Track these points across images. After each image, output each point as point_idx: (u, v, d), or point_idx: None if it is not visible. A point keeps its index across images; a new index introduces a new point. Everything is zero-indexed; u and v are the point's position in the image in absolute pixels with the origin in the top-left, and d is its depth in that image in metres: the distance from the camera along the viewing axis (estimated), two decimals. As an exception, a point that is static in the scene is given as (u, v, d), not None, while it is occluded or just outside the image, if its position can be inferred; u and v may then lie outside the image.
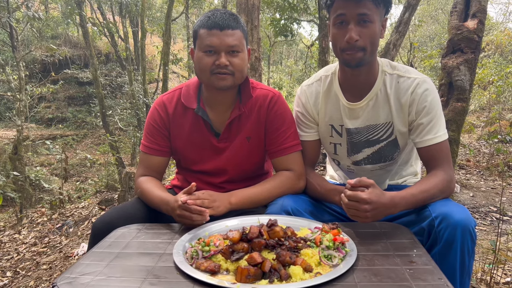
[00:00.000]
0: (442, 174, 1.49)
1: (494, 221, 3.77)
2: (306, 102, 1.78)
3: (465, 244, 1.27)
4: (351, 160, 1.77)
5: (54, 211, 6.37)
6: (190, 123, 1.75)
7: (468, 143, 7.77)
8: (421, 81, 1.56)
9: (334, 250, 1.16)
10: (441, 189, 1.46)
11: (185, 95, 1.76)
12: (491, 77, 9.69)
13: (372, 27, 1.48)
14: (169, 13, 10.68)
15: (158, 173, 1.83)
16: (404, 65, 1.69)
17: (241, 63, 1.62)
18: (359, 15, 1.46)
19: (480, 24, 3.52)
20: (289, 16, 8.49)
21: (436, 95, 1.57)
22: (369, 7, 1.45)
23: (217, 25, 1.56)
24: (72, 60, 17.14)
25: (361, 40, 1.48)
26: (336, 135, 1.76)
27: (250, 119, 1.74)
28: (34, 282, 3.72)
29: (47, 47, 11.69)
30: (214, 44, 1.57)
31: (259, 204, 1.67)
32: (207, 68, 1.60)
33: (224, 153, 1.76)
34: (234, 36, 1.58)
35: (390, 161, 1.73)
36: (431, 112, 1.54)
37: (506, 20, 15.38)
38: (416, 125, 1.58)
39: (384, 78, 1.62)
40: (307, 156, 1.79)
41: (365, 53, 1.51)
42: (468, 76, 3.49)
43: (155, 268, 1.14)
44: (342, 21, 1.49)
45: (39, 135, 14.29)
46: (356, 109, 1.66)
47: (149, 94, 11.88)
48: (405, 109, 1.59)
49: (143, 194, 1.71)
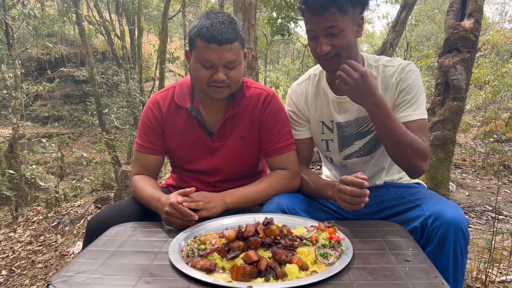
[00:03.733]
0: (419, 140, 1.51)
1: (490, 220, 3.79)
2: (296, 100, 1.82)
3: (458, 243, 1.28)
4: (343, 155, 1.79)
5: (50, 210, 6.35)
6: (183, 122, 1.75)
7: (464, 143, 7.80)
8: (404, 65, 1.62)
9: (330, 249, 1.16)
10: (417, 147, 1.48)
11: (178, 94, 1.75)
12: (487, 76, 9.73)
13: (342, 36, 1.51)
14: (165, 11, 10.66)
15: (153, 172, 1.82)
16: (387, 57, 1.73)
17: (238, 75, 1.62)
18: (326, 28, 1.49)
19: (476, 24, 3.53)
20: (286, 15, 8.48)
21: (418, 77, 1.62)
22: (336, 18, 1.47)
23: (216, 39, 1.50)
24: (68, 58, 17.05)
25: (333, 49, 1.53)
26: (327, 131, 1.78)
27: (244, 119, 1.74)
28: (29, 280, 3.71)
29: (43, 45, 11.64)
30: (212, 59, 1.53)
31: (255, 203, 1.66)
32: (203, 80, 1.58)
33: (218, 152, 1.75)
34: (232, 50, 1.54)
35: (380, 148, 1.74)
36: (412, 91, 1.58)
37: (502, 20, 15.42)
38: (397, 103, 1.61)
39: (370, 71, 1.64)
40: (301, 154, 1.80)
41: (340, 58, 1.54)
42: (464, 75, 3.50)
43: (150, 266, 1.13)
44: (313, 35, 1.55)
45: (35, 133, 14.22)
46: (344, 102, 1.69)
47: (145, 92, 11.85)
48: (392, 93, 1.63)
49: (136, 191, 1.71)
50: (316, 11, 1.47)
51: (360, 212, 1.72)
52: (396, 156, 1.54)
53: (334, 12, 1.46)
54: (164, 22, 10.54)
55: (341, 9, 1.46)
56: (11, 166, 8.11)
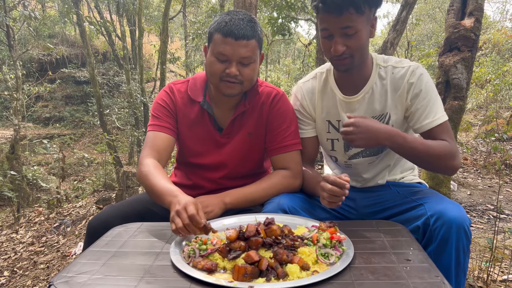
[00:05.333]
0: (448, 145, 1.52)
1: (491, 219, 3.78)
2: (302, 98, 1.81)
3: (460, 242, 1.28)
4: (348, 154, 1.78)
5: (52, 211, 6.36)
6: (195, 115, 1.77)
7: (465, 142, 7.78)
8: (414, 68, 1.60)
9: (331, 248, 1.16)
10: (444, 152, 1.49)
11: (191, 88, 1.78)
12: (488, 75, 9.72)
13: (358, 37, 1.49)
14: (166, 11, 10.66)
15: (164, 155, 1.71)
16: (395, 57, 1.72)
17: (251, 73, 1.63)
18: (342, 28, 1.47)
19: (476, 23, 3.52)
20: (286, 14, 8.47)
21: (430, 79, 1.60)
22: (352, 18, 1.45)
23: (233, 33, 1.53)
24: (69, 59, 17.08)
25: (347, 49, 1.50)
26: (334, 130, 1.77)
27: (253, 116, 1.77)
28: (31, 281, 3.72)
29: (44, 46, 11.64)
30: (226, 53, 1.56)
31: (255, 203, 1.67)
32: (216, 74, 1.61)
33: (225, 147, 1.77)
34: (248, 47, 1.56)
35: (386, 150, 1.74)
36: (427, 96, 1.57)
37: (503, 18, 15.41)
38: (413, 110, 1.59)
39: (378, 71, 1.64)
40: (306, 153, 1.81)
41: (353, 59, 1.54)
42: (465, 74, 3.50)
43: (152, 267, 1.13)
44: (328, 34, 1.52)
45: (36, 134, 14.24)
46: (352, 102, 1.68)
47: (146, 93, 11.87)
48: (402, 97, 1.61)
49: (147, 178, 1.56)
50: (334, 11, 1.44)
51: (362, 212, 1.72)
52: (428, 168, 1.57)
53: (351, 12, 1.43)
54: (165, 22, 10.55)
55: (358, 10, 1.43)
56: (12, 167, 8.12)
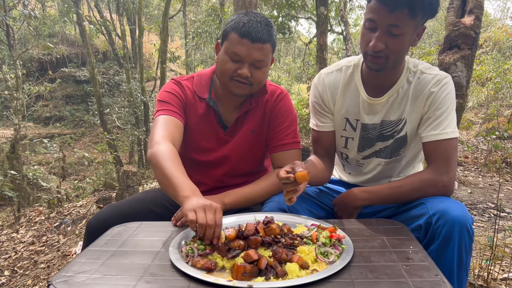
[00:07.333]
0: (426, 174, 1.49)
1: (492, 217, 3.78)
2: (323, 91, 1.74)
3: (462, 241, 1.27)
4: (362, 155, 1.76)
5: (52, 210, 6.37)
6: (200, 111, 1.77)
7: (466, 140, 7.78)
8: (441, 78, 1.53)
9: (330, 247, 1.15)
10: (416, 188, 1.47)
11: (197, 85, 1.78)
12: (489, 73, 9.71)
13: (401, 40, 1.42)
14: (166, 11, 10.66)
15: (177, 140, 1.61)
16: (426, 62, 1.66)
17: (262, 76, 1.63)
18: (389, 25, 1.39)
19: (476, 20, 3.51)
20: (286, 13, 8.47)
21: (452, 93, 1.54)
22: (403, 19, 1.37)
23: (250, 35, 1.53)
24: (69, 58, 17.10)
25: (386, 49, 1.43)
26: (350, 129, 1.73)
27: (257, 113, 1.78)
28: (32, 281, 3.72)
29: (44, 46, 11.64)
30: (241, 54, 1.56)
31: (254, 202, 1.67)
32: (228, 72, 1.60)
33: (229, 143, 1.79)
34: (262, 50, 1.57)
35: (396, 157, 1.72)
36: (443, 107, 1.51)
37: (504, 16, 15.39)
38: (425, 118, 1.55)
39: (408, 75, 1.59)
40: (324, 147, 1.79)
41: (387, 61, 1.47)
42: (465, 72, 3.49)
43: (151, 266, 1.13)
44: (372, 26, 1.43)
45: (36, 134, 14.26)
46: (376, 104, 1.64)
47: (146, 92, 11.87)
48: (421, 104, 1.56)
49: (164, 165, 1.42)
50: (388, 4, 1.35)
51: (364, 212, 1.71)
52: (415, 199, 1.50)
53: (405, 12, 1.35)
54: (165, 21, 10.55)
55: (412, 12, 1.35)
56: (13, 167, 8.13)
